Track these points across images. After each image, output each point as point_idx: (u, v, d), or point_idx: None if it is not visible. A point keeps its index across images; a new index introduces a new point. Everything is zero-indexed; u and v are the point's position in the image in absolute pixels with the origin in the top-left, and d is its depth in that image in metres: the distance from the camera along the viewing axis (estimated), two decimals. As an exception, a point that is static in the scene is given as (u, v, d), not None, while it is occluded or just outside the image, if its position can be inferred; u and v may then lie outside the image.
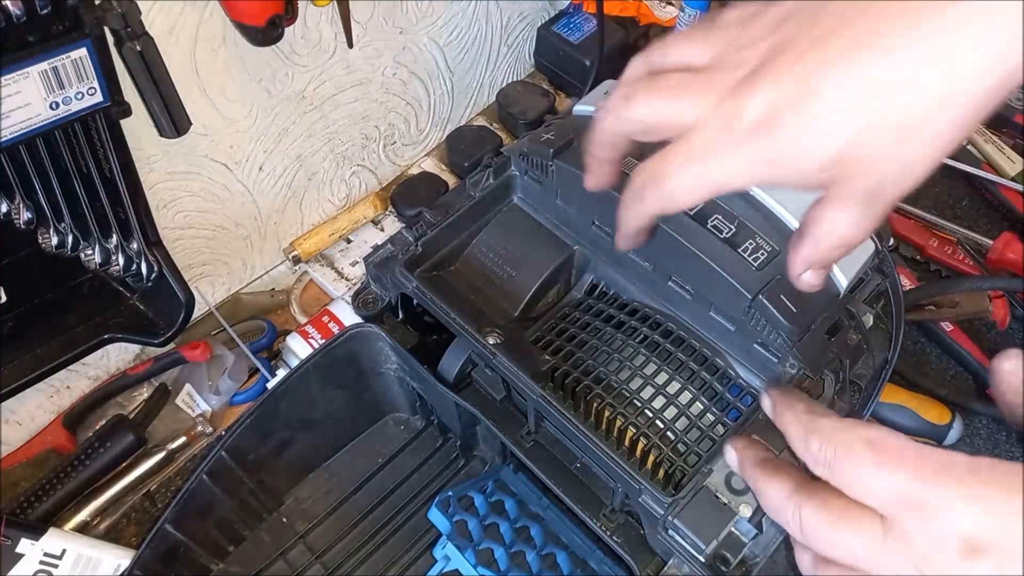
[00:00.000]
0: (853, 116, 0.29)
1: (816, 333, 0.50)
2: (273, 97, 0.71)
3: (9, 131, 0.51)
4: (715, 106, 0.32)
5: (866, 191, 0.31)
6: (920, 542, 0.31)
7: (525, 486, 0.62)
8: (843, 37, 0.30)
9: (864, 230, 0.33)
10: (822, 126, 0.30)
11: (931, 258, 0.85)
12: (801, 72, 0.30)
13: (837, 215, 0.32)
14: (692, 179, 0.33)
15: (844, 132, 0.30)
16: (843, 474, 0.33)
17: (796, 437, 0.37)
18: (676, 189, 0.34)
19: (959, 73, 0.28)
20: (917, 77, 0.29)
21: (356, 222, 0.87)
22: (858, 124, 0.29)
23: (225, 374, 0.74)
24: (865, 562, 0.32)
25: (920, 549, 0.31)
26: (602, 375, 0.53)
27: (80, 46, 0.51)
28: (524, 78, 1.02)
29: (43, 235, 0.59)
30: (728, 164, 0.32)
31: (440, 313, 0.54)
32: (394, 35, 0.79)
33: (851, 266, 0.51)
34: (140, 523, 0.68)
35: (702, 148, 0.33)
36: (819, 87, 0.30)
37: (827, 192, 0.32)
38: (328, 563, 0.64)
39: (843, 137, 0.30)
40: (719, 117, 0.32)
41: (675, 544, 0.44)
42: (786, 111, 0.30)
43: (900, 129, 0.29)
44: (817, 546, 0.34)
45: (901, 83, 0.29)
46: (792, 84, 0.30)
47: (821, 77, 0.30)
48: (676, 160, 0.33)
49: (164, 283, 0.66)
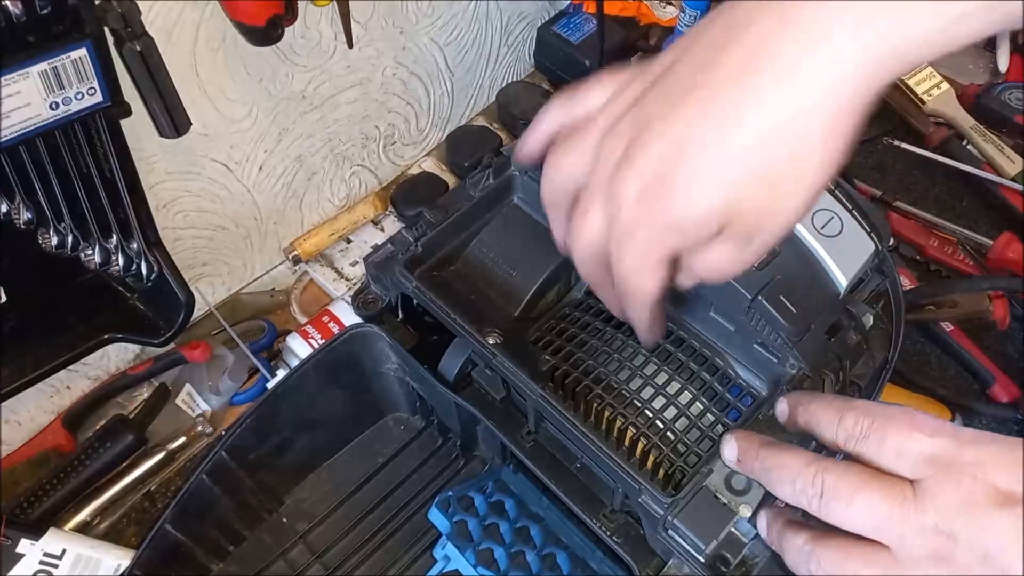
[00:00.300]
0: (718, 175, 0.32)
1: (816, 333, 0.50)
2: (273, 97, 0.71)
3: (9, 131, 0.51)
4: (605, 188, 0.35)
5: (744, 233, 0.34)
6: (950, 498, 0.30)
7: (525, 486, 0.62)
8: (699, 101, 0.32)
9: (741, 264, 0.36)
10: (697, 188, 0.32)
11: (931, 258, 0.85)
12: (670, 141, 0.32)
13: (714, 250, 0.35)
14: (635, 269, 0.36)
15: (718, 188, 0.32)
16: (878, 443, 0.34)
17: (828, 419, 0.37)
18: (637, 283, 0.36)
19: (804, 112, 0.30)
20: (764, 125, 0.31)
21: (356, 222, 0.87)
22: (730, 177, 0.32)
23: (225, 374, 0.74)
24: (888, 524, 0.32)
25: (949, 504, 0.30)
26: (602, 375, 0.53)
27: (80, 46, 0.51)
28: (524, 78, 1.02)
29: (43, 235, 0.59)
30: (642, 242, 0.35)
31: (440, 313, 0.54)
32: (394, 35, 0.79)
33: (851, 266, 0.51)
34: (140, 523, 0.68)
35: (616, 244, 0.35)
36: (687, 152, 0.32)
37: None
38: (328, 563, 0.64)
39: (718, 192, 0.32)
40: (604, 199, 0.35)
41: (675, 544, 0.44)
42: (663, 179, 0.33)
43: (765, 175, 0.32)
44: (836, 512, 0.34)
45: (752, 135, 0.31)
46: (664, 154, 0.33)
47: (688, 142, 0.32)
48: (616, 267, 0.36)
49: (164, 283, 0.66)
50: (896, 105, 0.98)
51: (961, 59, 1.06)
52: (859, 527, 0.33)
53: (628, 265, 0.36)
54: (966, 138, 0.94)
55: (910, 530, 0.31)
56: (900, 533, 0.32)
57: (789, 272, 0.49)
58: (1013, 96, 0.96)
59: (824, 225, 0.51)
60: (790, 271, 0.49)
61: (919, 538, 0.31)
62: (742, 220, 0.33)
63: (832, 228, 0.51)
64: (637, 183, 0.33)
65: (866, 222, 0.52)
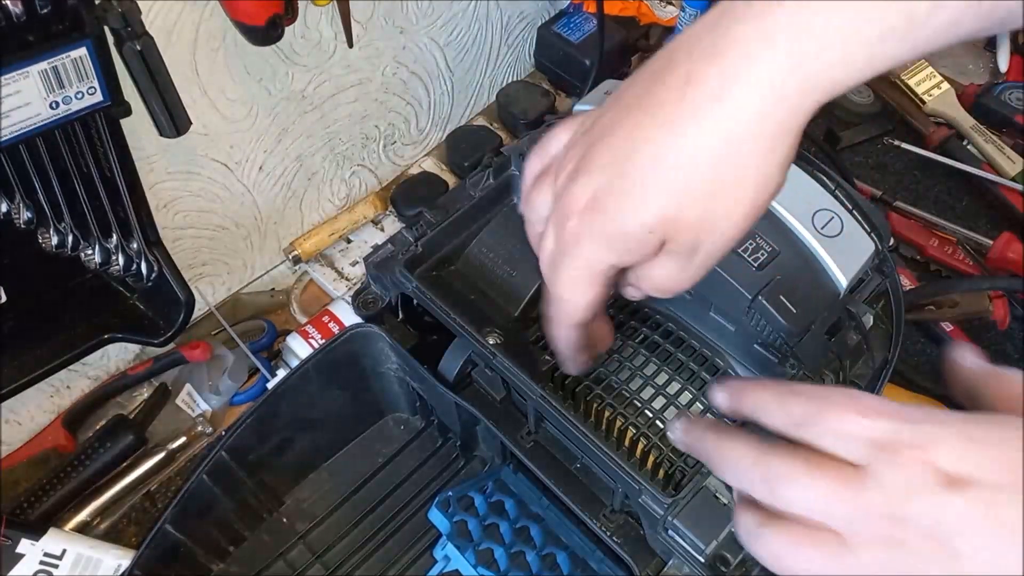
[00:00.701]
0: (660, 186, 0.33)
1: (816, 333, 0.50)
2: (273, 97, 0.71)
3: (9, 131, 0.51)
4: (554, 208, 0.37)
5: (686, 247, 0.35)
6: (896, 481, 0.30)
7: (525, 486, 0.62)
8: (637, 122, 0.34)
9: (686, 279, 0.37)
10: (636, 201, 0.34)
11: (931, 258, 0.85)
12: (610, 160, 0.35)
13: (657, 265, 0.36)
14: (570, 284, 0.37)
15: (656, 201, 0.34)
16: (822, 428, 0.32)
17: (770, 403, 0.35)
18: (568, 299, 0.38)
19: (736, 134, 0.32)
20: (700, 143, 0.33)
21: (356, 222, 0.87)
22: (668, 191, 0.33)
23: (225, 374, 0.74)
24: (836, 509, 0.31)
25: (896, 489, 0.30)
26: (602, 375, 0.53)
27: (80, 46, 0.51)
28: (524, 78, 1.02)
29: (43, 235, 0.59)
30: (581, 256, 0.36)
31: (440, 313, 0.54)
32: (394, 35, 0.79)
33: (851, 266, 0.51)
34: (140, 523, 0.68)
35: (557, 255, 0.37)
36: (626, 168, 0.34)
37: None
38: (328, 563, 0.64)
39: (656, 204, 0.34)
40: (555, 219, 0.37)
41: (675, 544, 0.44)
42: (604, 194, 0.35)
43: (702, 191, 0.33)
44: (781, 497, 0.33)
45: (689, 152, 0.33)
46: (605, 171, 0.35)
47: (626, 159, 0.34)
48: (550, 277, 0.38)
49: (164, 283, 0.66)
50: (896, 105, 0.98)
51: (961, 59, 1.06)
52: (807, 511, 0.32)
53: (564, 278, 0.37)
54: (966, 138, 0.94)
55: (859, 514, 0.30)
56: (849, 518, 0.31)
57: (789, 272, 0.49)
58: (1013, 96, 0.96)
59: (824, 225, 0.51)
60: (790, 271, 0.49)
61: (869, 523, 0.30)
62: (681, 235, 0.34)
63: (832, 228, 0.51)
64: (582, 198, 0.35)
65: (866, 222, 0.53)
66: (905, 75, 0.99)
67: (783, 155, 0.33)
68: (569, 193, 0.36)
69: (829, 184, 0.53)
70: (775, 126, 0.32)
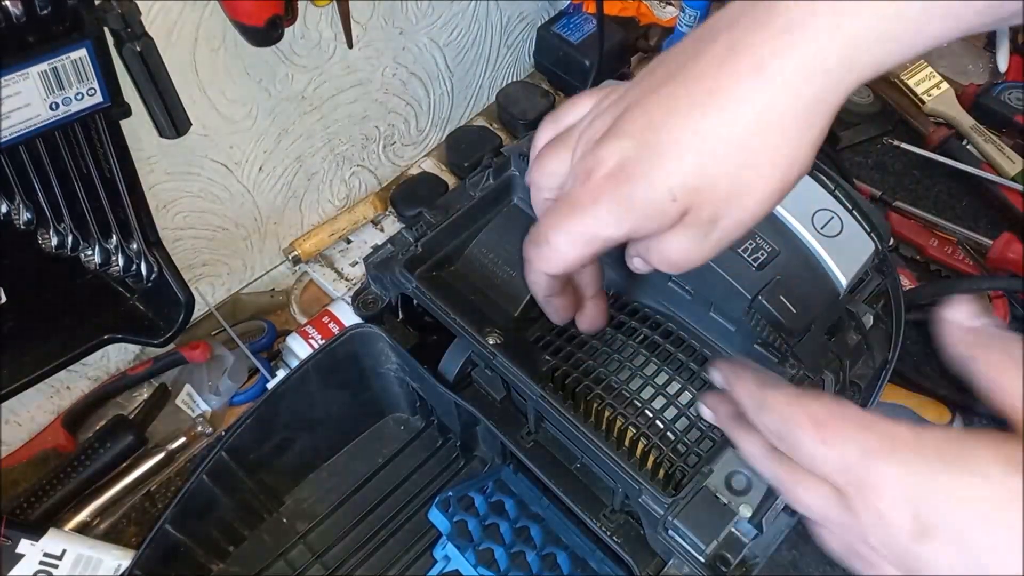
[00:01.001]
0: (691, 154, 0.33)
1: (816, 333, 0.50)
2: (273, 97, 0.71)
3: (9, 131, 0.51)
4: (575, 165, 0.36)
5: (706, 219, 0.34)
6: (869, 522, 0.30)
7: (525, 486, 0.62)
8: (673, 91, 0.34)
9: (699, 255, 0.36)
10: (665, 164, 0.33)
11: (931, 258, 0.85)
12: (643, 126, 0.34)
13: (672, 238, 0.35)
14: (567, 236, 0.36)
15: (685, 168, 0.33)
16: (794, 448, 0.33)
17: (750, 410, 0.37)
18: (556, 248, 0.37)
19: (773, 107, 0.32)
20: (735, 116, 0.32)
21: (356, 222, 0.87)
22: (698, 160, 0.33)
23: (225, 374, 0.74)
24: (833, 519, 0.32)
25: (871, 529, 0.30)
26: (602, 375, 0.53)
27: (80, 47, 0.51)
28: (524, 78, 1.02)
29: (43, 235, 0.59)
30: (593, 215, 0.35)
31: (440, 313, 0.54)
32: (394, 35, 0.79)
33: (851, 266, 0.51)
34: (140, 523, 0.68)
35: (568, 205, 0.36)
36: (659, 134, 0.33)
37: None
38: (328, 563, 0.64)
39: (684, 172, 0.33)
40: (577, 175, 0.36)
41: (675, 544, 0.44)
42: (633, 159, 0.34)
43: (732, 164, 0.33)
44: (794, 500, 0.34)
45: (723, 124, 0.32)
46: (636, 136, 0.34)
47: (660, 125, 0.33)
48: (550, 220, 0.37)
49: (164, 283, 0.66)
50: (896, 105, 0.98)
51: (961, 59, 1.06)
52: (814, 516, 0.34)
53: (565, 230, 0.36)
54: (966, 138, 0.94)
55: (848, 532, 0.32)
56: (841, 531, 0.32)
57: (789, 272, 0.49)
58: (1013, 96, 0.96)
59: (824, 225, 0.51)
60: (790, 271, 0.49)
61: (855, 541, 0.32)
62: (704, 207, 0.34)
63: (832, 228, 0.51)
64: (609, 160, 0.34)
65: (866, 222, 0.53)
66: (905, 75, 0.99)
67: (817, 133, 0.33)
68: (595, 155, 0.35)
69: (829, 184, 0.53)
70: (814, 102, 0.32)
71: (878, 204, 0.89)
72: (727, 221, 0.34)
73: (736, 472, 0.44)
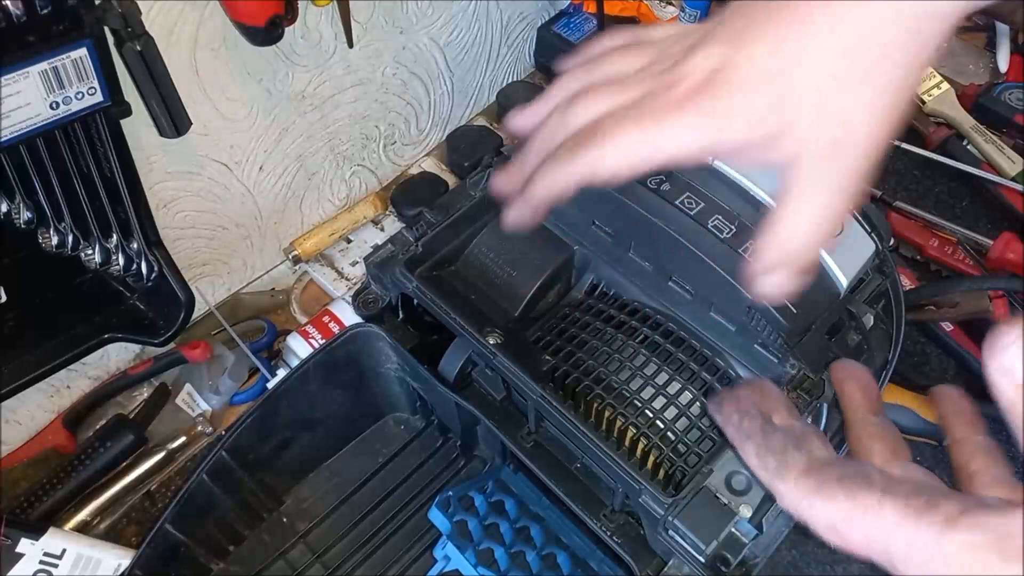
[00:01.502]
0: (793, 59, 0.30)
1: (816, 333, 0.50)
2: (273, 97, 0.71)
3: (9, 131, 0.51)
4: (654, 80, 0.33)
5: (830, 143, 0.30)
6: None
7: (525, 486, 0.62)
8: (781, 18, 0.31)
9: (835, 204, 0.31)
10: (762, 72, 0.30)
11: (931, 258, 0.85)
12: (736, 38, 0.31)
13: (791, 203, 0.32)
14: (631, 143, 0.32)
15: (784, 78, 0.30)
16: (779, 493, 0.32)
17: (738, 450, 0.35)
18: (611, 153, 0.33)
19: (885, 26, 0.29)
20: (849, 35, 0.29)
21: (356, 222, 0.87)
22: (800, 65, 0.30)
23: (225, 374, 0.74)
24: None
25: None
26: (602, 375, 0.53)
27: (80, 46, 0.51)
28: (524, 78, 1.02)
29: (43, 235, 0.59)
30: (671, 127, 0.32)
31: (440, 313, 0.54)
32: (394, 35, 0.79)
33: (851, 266, 0.51)
34: (140, 523, 0.68)
35: (644, 113, 0.32)
36: (755, 45, 0.31)
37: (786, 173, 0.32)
38: (328, 563, 0.64)
39: (785, 82, 0.30)
40: (660, 85, 0.33)
41: (675, 544, 0.44)
42: (726, 68, 0.31)
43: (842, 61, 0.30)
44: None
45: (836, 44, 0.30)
46: (728, 47, 0.31)
47: (756, 35, 0.31)
48: (617, 123, 0.33)
49: (164, 283, 0.66)
50: (896, 105, 0.98)
51: (961, 59, 1.06)
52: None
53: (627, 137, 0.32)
54: (966, 138, 0.94)
55: None
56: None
57: (789, 272, 0.49)
58: (1013, 96, 0.96)
59: (824, 225, 0.51)
60: (790, 271, 0.49)
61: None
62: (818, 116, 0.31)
63: (832, 228, 0.51)
64: (696, 73, 0.32)
65: (866, 222, 0.53)
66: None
67: (928, 52, 0.30)
68: (681, 64, 0.32)
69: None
70: (924, 24, 0.30)
71: (878, 204, 0.89)
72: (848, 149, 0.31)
73: (736, 472, 0.44)
